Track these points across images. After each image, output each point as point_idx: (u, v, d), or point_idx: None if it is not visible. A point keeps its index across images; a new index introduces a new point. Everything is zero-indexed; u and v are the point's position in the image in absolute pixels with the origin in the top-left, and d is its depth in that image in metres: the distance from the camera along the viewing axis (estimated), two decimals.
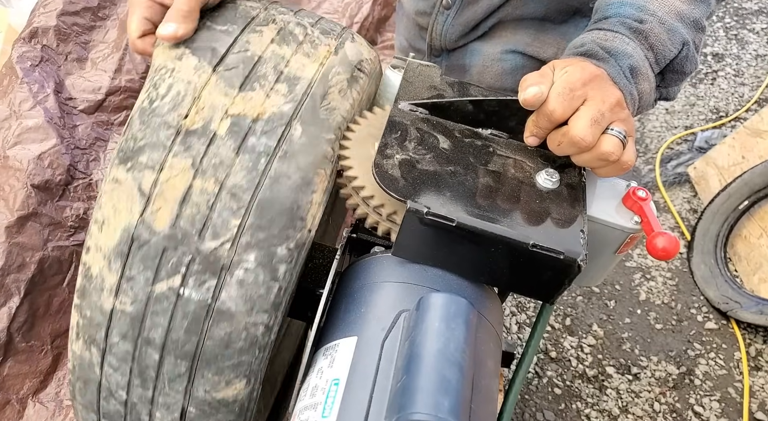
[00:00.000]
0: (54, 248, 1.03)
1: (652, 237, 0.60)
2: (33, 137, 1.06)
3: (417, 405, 0.43)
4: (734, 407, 1.75)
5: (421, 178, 0.58)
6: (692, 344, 1.88)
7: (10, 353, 0.99)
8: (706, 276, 2.01)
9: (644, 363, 1.82)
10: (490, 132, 0.66)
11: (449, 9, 0.91)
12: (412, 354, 0.47)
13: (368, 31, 1.74)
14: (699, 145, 2.44)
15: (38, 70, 1.12)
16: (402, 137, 0.62)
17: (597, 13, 0.71)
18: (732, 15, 3.14)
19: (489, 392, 0.52)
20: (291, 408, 0.56)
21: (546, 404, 1.69)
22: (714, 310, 1.96)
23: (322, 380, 0.53)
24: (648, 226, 0.63)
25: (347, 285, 0.62)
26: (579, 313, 1.92)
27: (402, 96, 0.67)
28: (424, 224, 0.55)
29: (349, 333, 0.55)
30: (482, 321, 0.57)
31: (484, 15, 0.90)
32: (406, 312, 0.54)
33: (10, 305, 0.98)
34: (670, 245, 0.59)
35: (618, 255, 0.69)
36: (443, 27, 0.94)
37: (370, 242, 0.68)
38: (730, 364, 1.84)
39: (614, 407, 1.71)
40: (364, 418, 0.47)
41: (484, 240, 0.55)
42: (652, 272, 2.06)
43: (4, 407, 0.98)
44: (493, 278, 0.59)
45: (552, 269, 0.55)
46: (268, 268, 0.53)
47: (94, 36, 1.24)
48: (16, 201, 1.00)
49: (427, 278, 0.58)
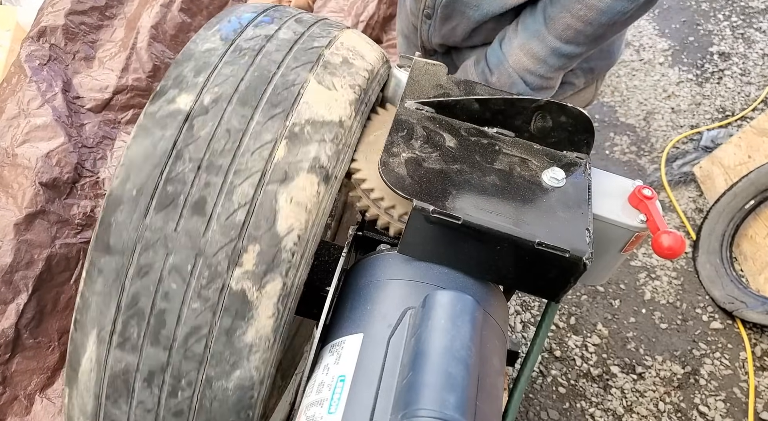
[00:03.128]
0: (62, 245, 1.04)
1: (658, 236, 0.60)
2: (41, 135, 1.07)
3: (423, 402, 0.43)
4: (739, 407, 1.74)
5: (427, 177, 0.58)
6: (697, 344, 1.88)
7: (17, 350, 1.00)
8: (712, 276, 2.01)
9: (649, 363, 1.82)
10: (496, 131, 0.67)
11: (430, 19, 0.99)
12: (418, 351, 0.47)
13: (374, 30, 1.74)
14: (705, 145, 2.43)
15: (46, 69, 1.13)
16: (408, 136, 0.62)
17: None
18: (738, 14, 3.13)
19: (494, 390, 0.52)
20: (297, 404, 0.57)
21: (550, 403, 1.69)
22: (719, 310, 1.96)
23: (328, 377, 0.53)
24: (654, 224, 0.63)
25: (353, 283, 0.62)
26: (583, 312, 1.92)
27: (408, 94, 0.67)
28: (430, 222, 0.55)
29: (356, 330, 0.56)
30: (488, 319, 0.57)
31: (463, 35, 0.98)
32: (411, 309, 0.54)
33: (18, 302, 0.99)
34: (675, 243, 0.59)
35: (623, 254, 0.70)
36: (427, 33, 1.03)
37: (376, 240, 0.68)
38: (736, 364, 1.84)
39: (619, 407, 1.71)
40: (370, 414, 0.47)
41: (489, 238, 0.55)
42: (657, 272, 2.06)
43: (12, 403, 0.99)
44: (498, 276, 0.60)
45: (558, 267, 0.55)
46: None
47: (101, 35, 1.25)
48: (24, 199, 1.01)
49: (432, 276, 0.58)
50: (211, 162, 0.52)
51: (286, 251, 0.51)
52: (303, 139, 0.53)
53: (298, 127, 0.54)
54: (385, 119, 0.66)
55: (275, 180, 0.52)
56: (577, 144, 0.66)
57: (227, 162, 0.52)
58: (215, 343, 0.51)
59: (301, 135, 0.54)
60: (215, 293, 0.51)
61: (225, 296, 0.51)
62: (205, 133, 0.53)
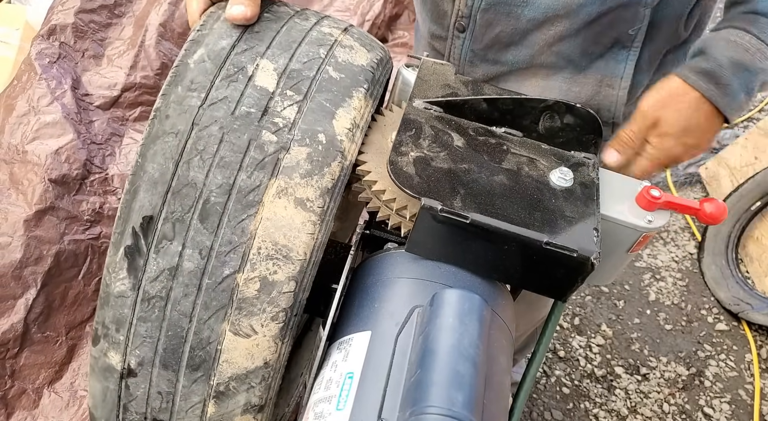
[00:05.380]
0: (70, 241, 1.04)
1: (702, 207, 0.63)
2: (51, 132, 1.08)
3: (431, 399, 0.44)
4: (745, 409, 1.74)
5: (435, 176, 0.58)
6: (702, 345, 1.87)
7: (26, 344, 1.01)
8: (717, 277, 2.00)
9: (653, 364, 1.81)
10: (504, 130, 0.67)
11: (463, 32, 0.80)
12: (426, 349, 0.47)
13: (380, 29, 1.74)
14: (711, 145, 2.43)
15: (56, 67, 1.14)
16: (416, 135, 0.63)
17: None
18: None
19: (501, 388, 0.52)
20: (305, 401, 0.57)
21: (554, 403, 1.69)
22: (725, 311, 1.95)
23: (336, 374, 0.54)
24: (685, 207, 0.65)
25: (361, 281, 0.62)
26: (588, 312, 1.92)
27: (417, 94, 0.67)
28: (437, 221, 0.55)
29: (363, 328, 0.56)
30: (495, 318, 0.57)
31: (507, 40, 0.79)
32: (419, 308, 0.54)
33: (27, 297, 1.00)
34: (717, 210, 0.63)
35: (630, 254, 0.70)
36: (461, 52, 0.83)
37: (384, 239, 0.68)
38: (741, 366, 1.83)
39: (623, 408, 1.71)
40: (378, 411, 0.48)
41: (497, 237, 0.55)
42: (662, 273, 2.05)
43: (20, 397, 1.00)
44: (506, 276, 0.60)
45: (565, 266, 0.56)
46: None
47: (110, 33, 1.26)
48: (34, 195, 1.02)
49: (440, 275, 0.59)
50: (153, 417, 0.56)
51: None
52: (229, 394, 0.55)
53: (223, 385, 0.54)
54: (396, 121, 0.66)
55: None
56: (585, 144, 0.66)
57: (167, 417, 0.56)
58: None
59: (227, 391, 0.55)
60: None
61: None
62: (141, 393, 0.56)
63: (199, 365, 0.53)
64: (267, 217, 0.52)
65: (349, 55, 0.59)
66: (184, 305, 0.52)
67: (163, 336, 0.53)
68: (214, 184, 0.51)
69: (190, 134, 0.52)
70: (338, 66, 0.58)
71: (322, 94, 0.55)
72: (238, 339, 0.53)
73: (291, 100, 0.54)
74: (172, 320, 0.52)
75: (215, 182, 0.51)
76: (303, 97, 0.54)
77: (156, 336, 0.53)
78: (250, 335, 0.52)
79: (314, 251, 0.54)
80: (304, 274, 0.54)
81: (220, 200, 0.51)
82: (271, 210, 0.52)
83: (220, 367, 0.53)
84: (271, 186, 0.51)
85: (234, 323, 0.52)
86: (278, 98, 0.54)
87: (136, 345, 0.54)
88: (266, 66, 0.55)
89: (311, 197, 0.53)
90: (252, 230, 0.51)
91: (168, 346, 0.53)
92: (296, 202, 0.52)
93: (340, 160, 0.54)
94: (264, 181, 0.51)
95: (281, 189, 0.52)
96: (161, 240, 0.52)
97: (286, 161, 0.52)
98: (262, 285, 0.52)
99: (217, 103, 0.52)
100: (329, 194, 0.54)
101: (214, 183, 0.51)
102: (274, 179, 0.52)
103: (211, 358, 0.53)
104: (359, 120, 0.57)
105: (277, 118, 0.53)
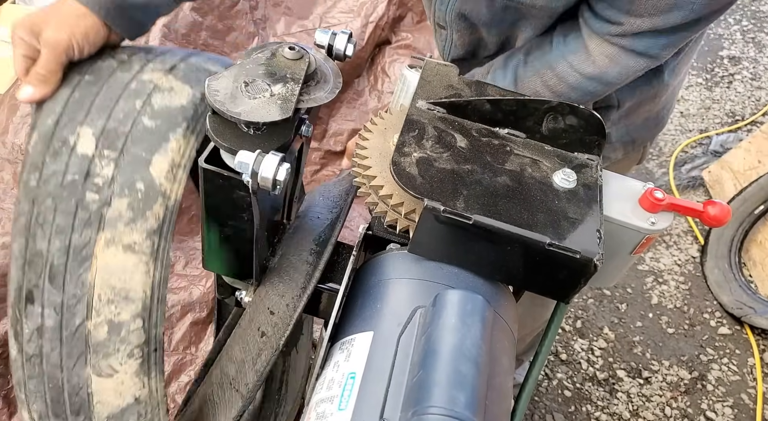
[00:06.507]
0: None
1: (706, 209, 0.65)
2: None
3: (433, 399, 0.43)
4: (747, 413, 1.73)
5: (438, 176, 0.58)
6: (705, 349, 1.87)
7: None
8: (720, 281, 1.99)
9: (656, 367, 1.81)
10: (507, 132, 0.67)
11: (445, 29, 0.89)
12: (428, 350, 0.47)
13: (383, 31, 1.74)
14: (714, 149, 2.42)
15: None
16: (420, 136, 0.63)
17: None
18: (749, 18, 3.11)
19: (503, 390, 0.52)
20: (307, 400, 0.57)
21: (556, 406, 1.68)
22: (727, 315, 1.95)
23: (338, 374, 0.54)
24: (689, 210, 0.66)
25: (363, 281, 0.62)
26: (590, 316, 1.91)
27: (420, 95, 0.67)
28: (440, 222, 0.55)
29: (366, 328, 0.56)
30: (497, 319, 0.57)
31: (482, 44, 0.87)
32: (422, 308, 0.54)
33: None
34: (721, 212, 0.64)
35: (633, 256, 0.70)
36: (444, 44, 0.92)
37: (386, 239, 0.68)
38: (744, 370, 1.83)
39: (625, 411, 1.70)
40: (380, 411, 0.47)
41: (500, 239, 0.55)
42: (665, 276, 2.05)
43: None
44: (508, 277, 0.60)
45: (568, 268, 0.56)
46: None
47: None
48: None
49: (442, 276, 0.59)
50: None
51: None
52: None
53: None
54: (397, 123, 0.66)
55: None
56: (588, 146, 0.66)
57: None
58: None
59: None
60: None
61: None
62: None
63: (78, 410, 0.58)
64: (101, 267, 0.57)
65: (168, 99, 0.61)
66: (54, 358, 0.57)
67: (47, 389, 0.58)
68: (55, 248, 0.57)
69: (33, 211, 0.58)
70: (154, 114, 0.60)
71: (137, 146, 0.59)
72: (102, 380, 0.58)
73: (108, 159, 0.58)
74: (49, 374, 0.58)
75: (56, 246, 0.57)
76: (119, 154, 0.58)
77: (42, 390, 0.58)
78: (112, 374, 0.57)
79: (155, 287, 0.59)
80: (150, 310, 0.59)
81: (61, 261, 0.56)
82: (103, 260, 0.57)
83: (96, 409, 0.58)
84: (99, 239, 0.57)
85: (94, 365, 0.57)
86: (97, 160, 0.58)
87: (32, 401, 0.59)
88: (86, 132, 0.59)
89: (138, 240, 0.58)
90: (90, 280, 0.57)
91: (53, 397, 0.58)
92: (124, 248, 0.57)
93: (162, 201, 0.59)
94: (92, 236, 0.57)
95: (108, 239, 0.57)
96: (26, 305, 0.58)
97: (109, 214, 0.57)
98: (110, 327, 0.57)
99: (50, 178, 0.58)
100: (157, 234, 0.59)
101: (54, 247, 0.57)
102: (102, 233, 0.57)
103: (86, 402, 0.58)
104: (179, 159, 0.61)
105: (97, 178, 0.58)
